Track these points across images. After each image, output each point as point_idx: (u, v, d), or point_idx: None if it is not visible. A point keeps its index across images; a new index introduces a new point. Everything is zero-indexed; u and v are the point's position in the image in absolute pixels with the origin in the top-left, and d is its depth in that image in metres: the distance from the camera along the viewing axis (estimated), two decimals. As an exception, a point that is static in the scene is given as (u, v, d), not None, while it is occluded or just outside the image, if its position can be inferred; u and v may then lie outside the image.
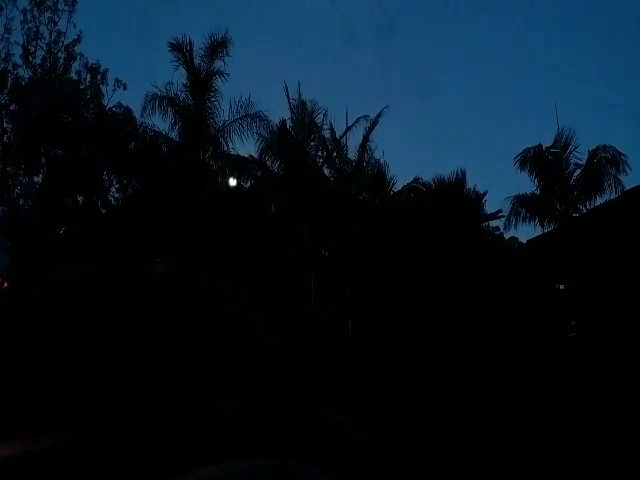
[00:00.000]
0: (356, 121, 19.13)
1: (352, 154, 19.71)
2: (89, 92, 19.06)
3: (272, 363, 0.39)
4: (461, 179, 19.78)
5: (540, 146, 19.04)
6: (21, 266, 15.07)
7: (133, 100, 18.49)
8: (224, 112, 17.68)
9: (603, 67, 68.27)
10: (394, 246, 18.00)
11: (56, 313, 0.33)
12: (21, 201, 17.07)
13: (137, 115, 17.94)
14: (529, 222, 19.30)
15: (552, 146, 18.86)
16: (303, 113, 19.19)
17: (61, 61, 18.78)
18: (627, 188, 18.21)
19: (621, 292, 15.46)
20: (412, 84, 64.00)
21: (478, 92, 72.77)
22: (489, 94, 73.32)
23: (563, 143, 18.72)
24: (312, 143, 19.50)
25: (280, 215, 17.97)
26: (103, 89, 19.49)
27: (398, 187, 20.56)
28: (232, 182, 18.03)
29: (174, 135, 17.64)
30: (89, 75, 19.30)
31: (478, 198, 20.21)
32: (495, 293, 17.87)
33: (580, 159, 18.74)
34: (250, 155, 18.77)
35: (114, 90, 19.51)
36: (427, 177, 21.08)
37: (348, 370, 15.60)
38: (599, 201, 18.55)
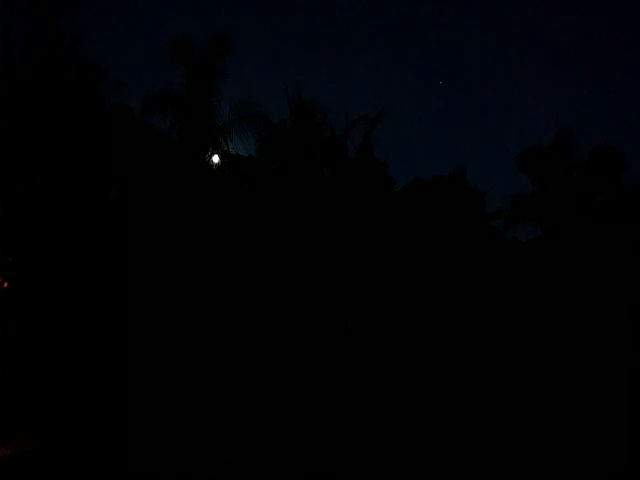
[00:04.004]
0: (356, 121, 19.14)
1: (352, 154, 19.73)
2: (89, 92, 19.00)
3: None
4: (462, 176, 19.81)
5: (540, 146, 19.06)
6: (22, 265, 15.06)
7: (133, 100, 18.42)
8: (224, 112, 17.71)
9: (603, 66, 68.28)
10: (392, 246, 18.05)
11: None
12: (21, 199, 17.02)
13: (137, 115, 17.93)
14: (529, 222, 19.30)
15: (552, 146, 18.88)
16: (303, 113, 19.19)
17: (61, 61, 18.74)
18: (627, 188, 18.23)
19: (621, 291, 15.48)
20: (412, 84, 63.98)
21: (478, 92, 72.74)
22: (489, 94, 73.30)
23: (563, 143, 18.74)
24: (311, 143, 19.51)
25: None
26: (103, 89, 19.45)
27: (398, 187, 20.61)
28: (215, 159, 18.01)
29: (174, 135, 17.65)
30: (89, 75, 19.25)
31: (478, 197, 20.24)
32: (498, 294, 17.90)
33: (580, 159, 18.77)
34: (250, 155, 18.81)
35: (114, 90, 19.48)
36: (427, 177, 21.16)
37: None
38: (599, 201, 18.57)
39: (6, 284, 15.00)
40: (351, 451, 9.49)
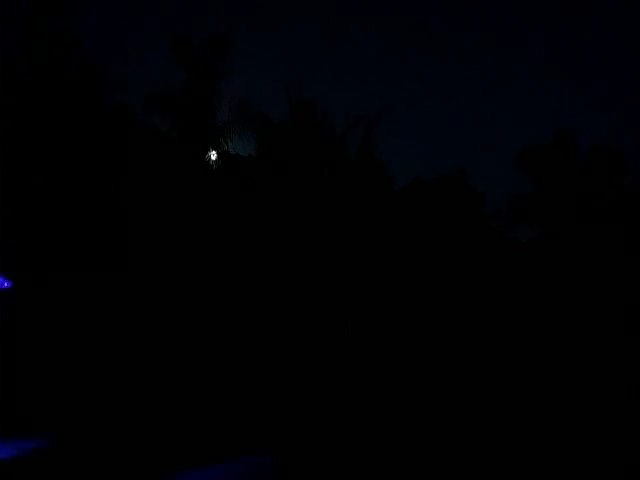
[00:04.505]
0: (356, 121, 19.14)
1: (352, 154, 19.71)
2: (89, 92, 18.99)
3: None
4: (462, 177, 19.83)
5: (540, 146, 19.09)
6: (22, 265, 15.07)
7: (133, 100, 18.43)
8: (224, 112, 17.71)
9: (604, 66, 68.38)
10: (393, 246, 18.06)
11: None
12: (21, 199, 17.03)
13: (137, 115, 17.94)
14: (529, 223, 19.33)
15: (552, 146, 18.91)
16: (303, 113, 19.18)
17: (61, 61, 18.71)
18: (627, 188, 18.26)
19: (621, 291, 15.50)
20: (412, 84, 64.02)
21: (478, 93, 72.86)
22: (489, 94, 73.42)
23: (563, 143, 18.78)
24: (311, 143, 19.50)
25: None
26: (103, 89, 19.43)
27: (398, 187, 20.62)
28: (213, 156, 17.99)
29: (174, 135, 17.65)
30: (89, 75, 19.23)
31: (478, 198, 20.26)
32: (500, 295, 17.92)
33: (580, 159, 18.81)
34: (250, 155, 18.82)
35: (114, 90, 19.47)
36: (427, 177, 21.14)
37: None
38: (599, 201, 18.59)
39: (6, 284, 15.00)
40: (351, 450, 9.50)
